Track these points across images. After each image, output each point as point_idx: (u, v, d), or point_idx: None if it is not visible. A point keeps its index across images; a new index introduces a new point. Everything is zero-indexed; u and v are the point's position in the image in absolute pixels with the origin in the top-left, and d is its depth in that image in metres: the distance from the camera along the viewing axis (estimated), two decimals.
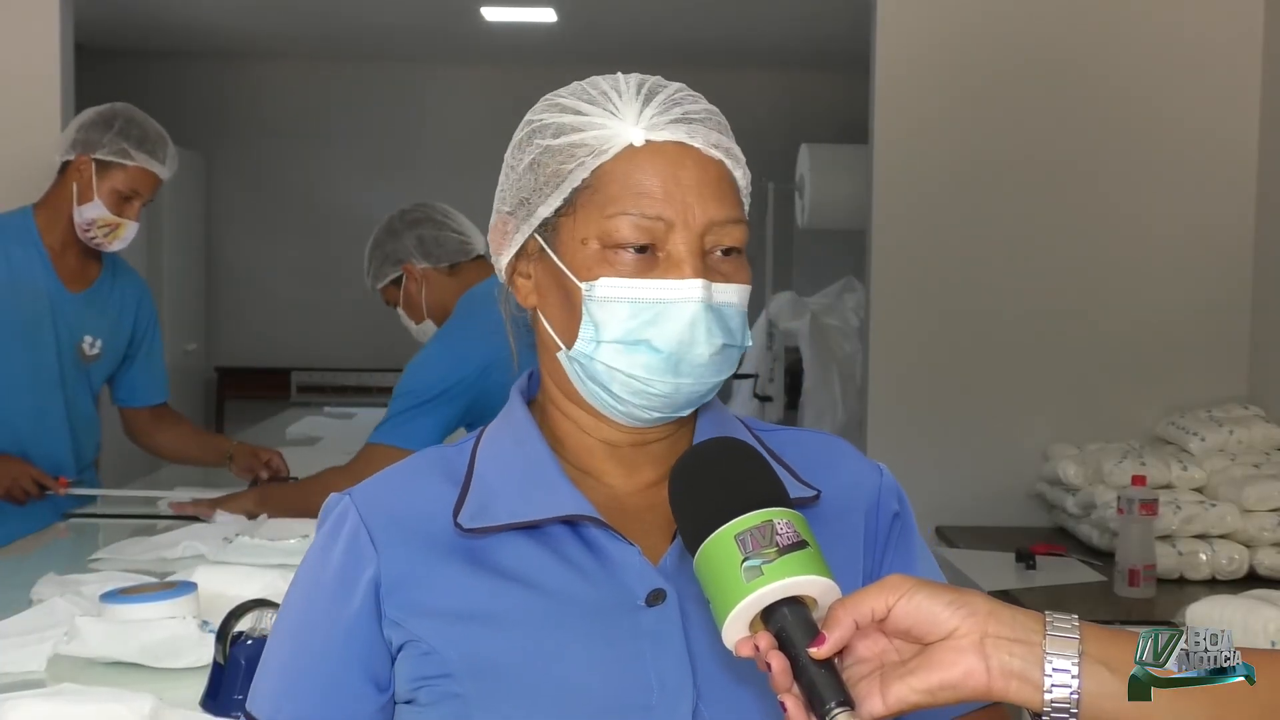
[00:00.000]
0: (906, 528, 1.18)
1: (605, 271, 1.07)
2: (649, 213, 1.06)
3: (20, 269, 2.96)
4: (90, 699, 1.59)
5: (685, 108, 1.09)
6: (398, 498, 1.12)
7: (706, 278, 1.06)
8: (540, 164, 1.10)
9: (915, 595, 0.92)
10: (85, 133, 2.91)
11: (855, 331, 6.25)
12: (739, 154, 1.12)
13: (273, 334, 7.79)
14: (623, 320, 1.06)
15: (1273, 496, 3.09)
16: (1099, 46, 3.69)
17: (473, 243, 2.91)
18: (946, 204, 3.71)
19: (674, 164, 1.07)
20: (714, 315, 1.06)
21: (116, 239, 2.96)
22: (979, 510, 3.68)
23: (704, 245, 1.07)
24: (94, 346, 3.07)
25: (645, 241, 1.06)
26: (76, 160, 2.91)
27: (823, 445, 1.21)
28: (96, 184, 2.90)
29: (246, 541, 2.49)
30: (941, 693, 0.91)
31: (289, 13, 6.69)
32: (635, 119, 1.08)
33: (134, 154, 2.90)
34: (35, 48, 3.74)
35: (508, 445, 1.14)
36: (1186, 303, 3.69)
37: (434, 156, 7.75)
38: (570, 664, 1.03)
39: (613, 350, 1.07)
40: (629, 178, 1.07)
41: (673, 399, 1.08)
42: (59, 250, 2.99)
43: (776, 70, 7.76)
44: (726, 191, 1.09)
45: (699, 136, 1.08)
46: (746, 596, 0.91)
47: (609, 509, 1.09)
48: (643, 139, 1.08)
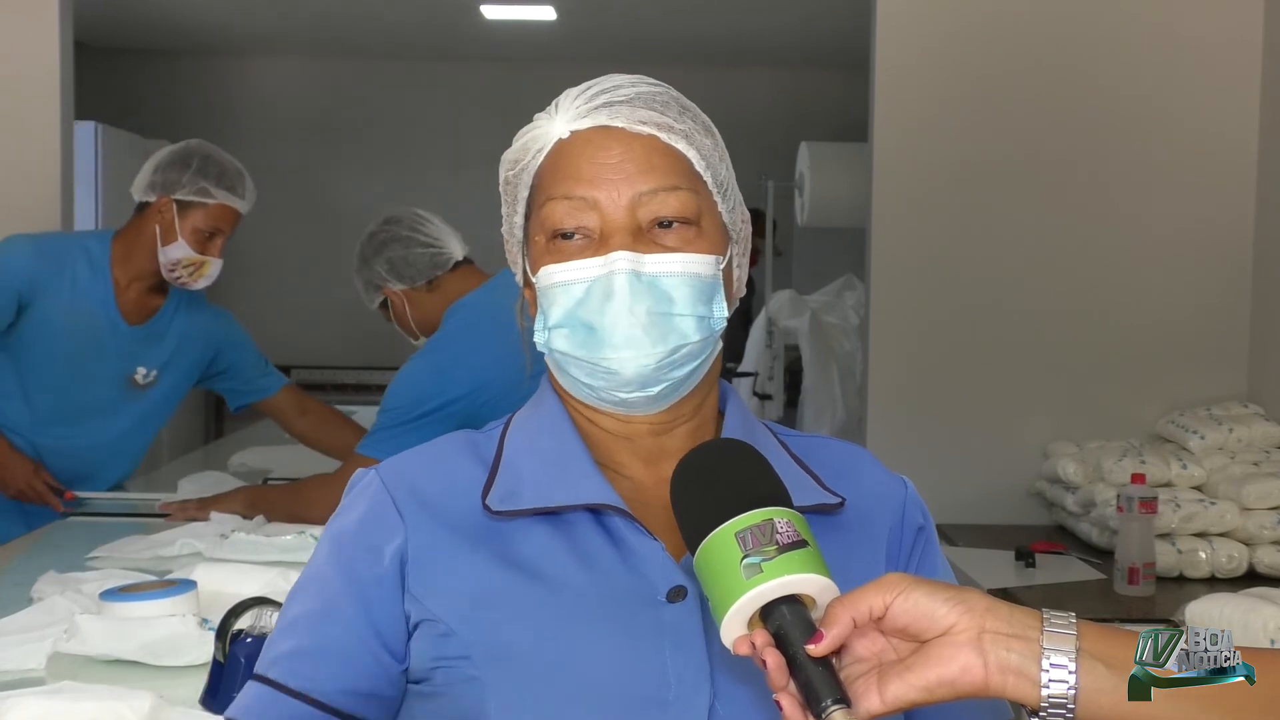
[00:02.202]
0: (930, 542, 1.19)
1: (547, 260, 1.11)
2: (574, 194, 1.09)
3: (84, 294, 2.97)
4: (90, 697, 1.59)
5: (615, 92, 1.12)
6: (425, 476, 1.13)
7: (634, 249, 1.08)
8: (505, 184, 1.17)
9: (913, 592, 0.92)
10: (164, 173, 2.92)
11: (855, 329, 6.26)
12: (684, 127, 1.12)
13: (273, 333, 7.77)
14: (561, 304, 1.10)
15: (1272, 494, 3.09)
16: (1099, 45, 3.68)
17: (447, 252, 2.85)
18: (946, 202, 3.71)
19: (597, 146, 1.10)
20: (643, 284, 1.08)
21: (201, 276, 2.97)
22: (979, 508, 3.68)
23: (637, 220, 1.09)
24: (148, 376, 3.08)
25: (575, 225, 1.10)
26: (158, 202, 2.91)
27: (847, 454, 1.21)
28: (179, 224, 2.90)
29: (243, 538, 2.50)
30: (939, 689, 0.91)
31: (289, 11, 6.69)
32: (566, 113, 1.12)
33: (214, 192, 2.91)
34: (35, 47, 3.74)
35: (536, 432, 1.15)
36: (1186, 302, 3.69)
37: (434, 154, 7.76)
38: (589, 654, 1.03)
39: (559, 336, 1.11)
40: (556, 168, 1.12)
41: (623, 375, 1.09)
42: (124, 284, 3.00)
43: (776, 68, 7.76)
44: (657, 164, 1.10)
45: (621, 117, 1.10)
46: (746, 593, 0.91)
47: (631, 502, 1.10)
48: (568, 131, 1.12)
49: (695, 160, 1.12)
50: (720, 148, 1.15)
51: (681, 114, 1.12)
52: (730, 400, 1.20)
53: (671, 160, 1.11)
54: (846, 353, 6.22)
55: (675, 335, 1.09)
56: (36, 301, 2.92)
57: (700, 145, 1.12)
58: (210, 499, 2.86)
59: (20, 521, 2.96)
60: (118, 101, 7.07)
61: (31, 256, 2.94)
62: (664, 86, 1.14)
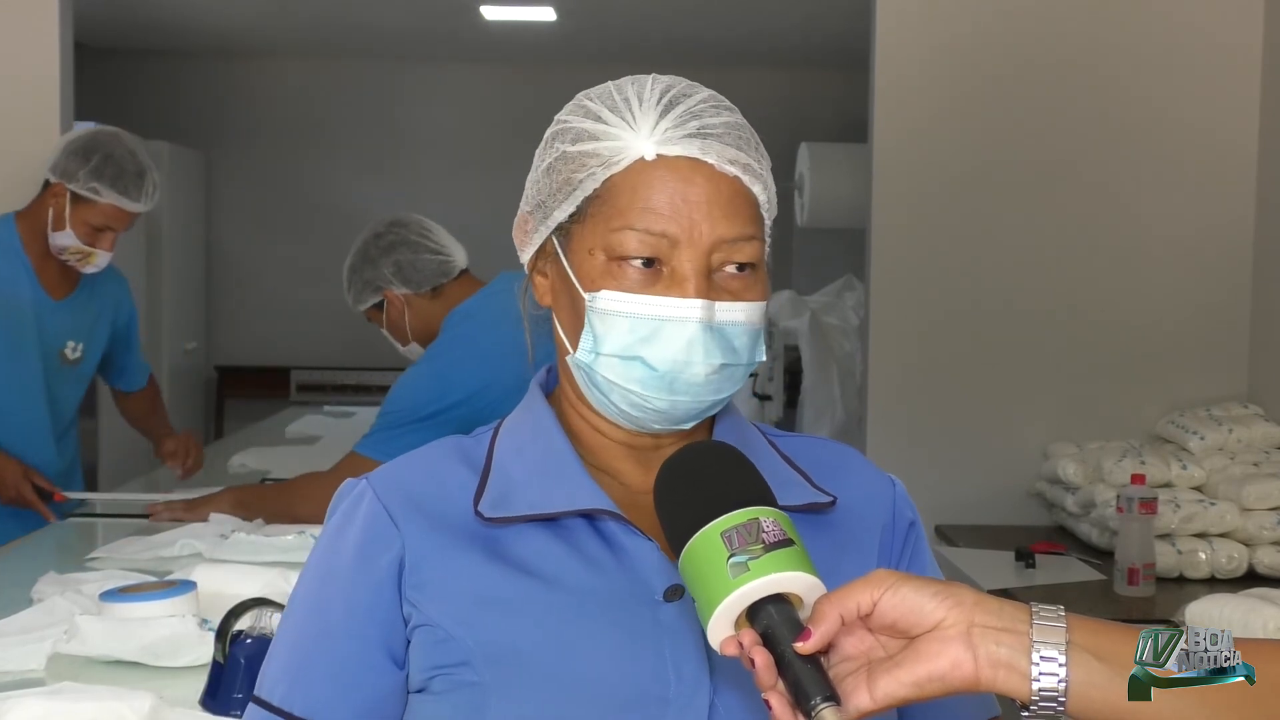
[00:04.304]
0: (920, 538, 1.19)
1: (608, 284, 1.07)
2: (654, 229, 1.05)
3: (4, 280, 2.96)
4: (90, 697, 1.59)
5: (703, 120, 1.07)
6: (416, 482, 1.12)
7: (710, 297, 1.05)
8: (555, 169, 1.10)
9: (901, 588, 0.92)
10: (65, 160, 2.91)
11: (855, 330, 6.25)
12: (760, 169, 1.10)
13: (273, 333, 7.79)
14: (621, 334, 1.06)
15: (1272, 495, 3.09)
16: (1099, 46, 3.68)
17: (453, 260, 2.85)
18: (946, 202, 3.71)
19: (684, 180, 1.06)
20: (713, 335, 1.06)
21: (90, 264, 2.97)
22: (979, 509, 3.68)
23: (711, 263, 1.06)
24: (76, 350, 3.09)
25: (649, 255, 1.06)
26: (55, 185, 2.91)
27: (836, 454, 1.21)
28: (70, 214, 2.89)
29: (242, 538, 2.49)
30: (929, 684, 0.90)
31: (289, 12, 6.69)
32: (650, 131, 1.07)
33: (104, 192, 2.89)
34: (35, 48, 3.74)
35: (527, 437, 1.14)
36: (1186, 302, 3.69)
37: (433, 155, 7.76)
38: (588, 654, 1.03)
39: (610, 363, 1.07)
40: (637, 192, 1.06)
41: (670, 414, 1.09)
42: (40, 260, 2.99)
43: (776, 69, 7.76)
44: (739, 208, 1.07)
45: (713, 152, 1.06)
46: (732, 592, 0.91)
47: (624, 506, 1.09)
48: (654, 153, 1.06)
49: (764, 205, 1.10)
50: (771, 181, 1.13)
51: (758, 150, 1.10)
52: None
53: (750, 206, 1.08)
54: (846, 353, 6.22)
55: (730, 384, 1.09)
56: None
57: (769, 187, 1.11)
58: (196, 500, 2.84)
59: (20, 522, 2.95)
60: (118, 101, 7.06)
61: None
62: (734, 111, 1.11)
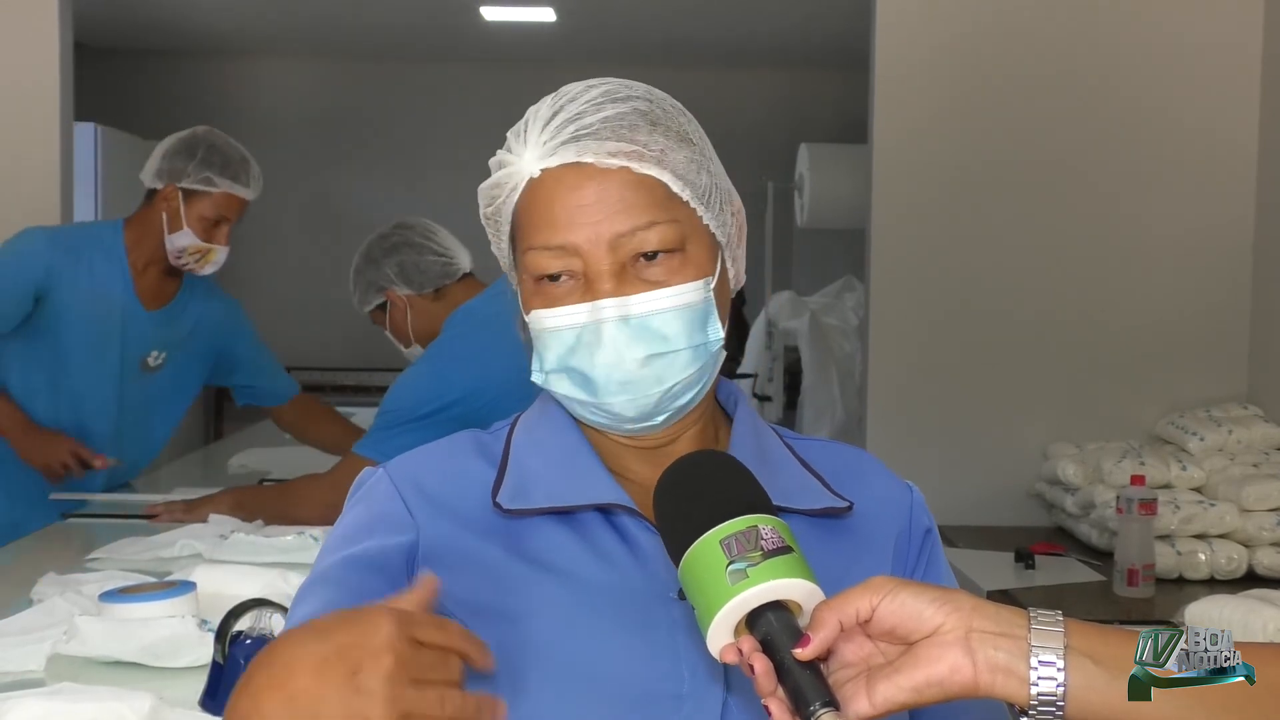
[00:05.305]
0: (936, 546, 1.19)
1: (536, 304, 1.09)
2: (553, 243, 1.06)
3: (102, 282, 3.03)
4: (90, 698, 1.59)
5: (582, 121, 1.06)
6: (433, 474, 1.13)
7: (627, 291, 1.06)
8: (485, 217, 1.14)
9: (899, 594, 0.92)
10: (170, 161, 2.98)
11: (854, 331, 6.26)
12: (656, 149, 1.06)
13: (273, 334, 7.76)
14: (554, 351, 1.09)
15: (1272, 496, 3.09)
16: (1099, 46, 3.68)
17: (456, 262, 2.86)
18: (946, 203, 3.71)
19: (570, 187, 1.06)
20: (633, 328, 1.06)
21: (208, 263, 3.05)
22: (978, 509, 3.68)
23: (621, 259, 1.06)
24: (158, 359, 3.14)
25: (558, 270, 1.07)
26: (165, 189, 2.98)
27: (853, 459, 1.21)
28: (185, 212, 2.97)
29: (243, 539, 2.49)
30: (928, 690, 0.90)
31: (289, 12, 6.69)
32: (533, 147, 1.07)
33: (218, 181, 2.97)
34: (35, 48, 3.74)
35: (543, 432, 1.15)
36: (1186, 303, 3.69)
37: (433, 156, 7.76)
38: (603, 650, 1.03)
39: (557, 379, 1.10)
40: (533, 211, 1.08)
41: (628, 415, 1.09)
42: (141, 268, 3.07)
43: (776, 69, 7.76)
44: (634, 199, 1.05)
45: (590, 151, 1.05)
46: (731, 599, 0.91)
47: (638, 503, 1.10)
48: (538, 169, 1.07)
49: (671, 182, 1.07)
50: (701, 152, 1.10)
51: (652, 131, 1.07)
52: (740, 405, 1.19)
53: (646, 192, 1.06)
54: (846, 354, 6.23)
55: (672, 372, 1.08)
56: (54, 292, 2.98)
57: (674, 164, 1.07)
58: (196, 500, 2.84)
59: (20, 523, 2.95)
60: (117, 102, 7.06)
61: (47, 247, 3.00)
62: (632, 98, 1.08)
